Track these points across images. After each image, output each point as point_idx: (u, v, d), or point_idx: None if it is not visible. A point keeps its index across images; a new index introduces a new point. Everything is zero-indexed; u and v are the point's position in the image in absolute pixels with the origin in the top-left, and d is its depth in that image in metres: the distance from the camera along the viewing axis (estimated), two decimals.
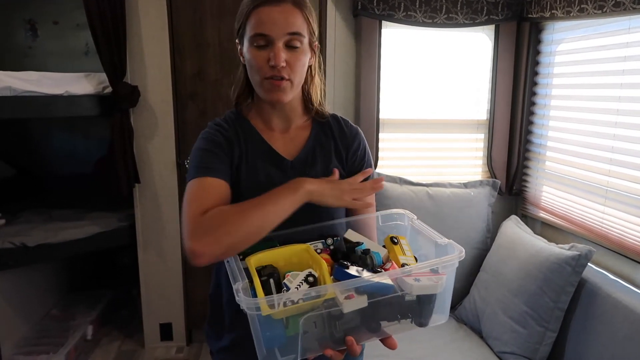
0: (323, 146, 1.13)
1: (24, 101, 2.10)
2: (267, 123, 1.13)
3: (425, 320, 0.92)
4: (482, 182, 2.48)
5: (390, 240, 1.02)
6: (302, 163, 1.10)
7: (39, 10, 3.32)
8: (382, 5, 2.25)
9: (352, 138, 1.16)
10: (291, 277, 0.87)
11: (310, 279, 0.86)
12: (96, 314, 2.95)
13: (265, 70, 1.00)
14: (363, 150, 1.17)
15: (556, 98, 2.28)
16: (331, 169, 1.11)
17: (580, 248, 1.82)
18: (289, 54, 1.00)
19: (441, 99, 2.52)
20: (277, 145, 1.11)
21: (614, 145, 1.92)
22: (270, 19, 0.97)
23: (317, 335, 0.85)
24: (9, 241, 2.24)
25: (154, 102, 2.49)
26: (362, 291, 0.84)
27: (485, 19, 2.34)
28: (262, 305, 0.80)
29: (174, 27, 2.48)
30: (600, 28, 1.99)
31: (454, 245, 0.97)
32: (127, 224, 2.62)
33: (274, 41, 0.98)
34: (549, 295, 1.83)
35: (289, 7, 0.99)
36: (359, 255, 0.95)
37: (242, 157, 1.08)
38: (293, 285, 0.85)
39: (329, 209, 1.08)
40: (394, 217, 1.14)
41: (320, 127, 1.15)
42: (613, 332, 1.65)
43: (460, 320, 2.25)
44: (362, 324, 0.87)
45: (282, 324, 0.83)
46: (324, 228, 1.05)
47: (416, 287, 0.87)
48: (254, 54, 1.00)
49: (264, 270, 0.89)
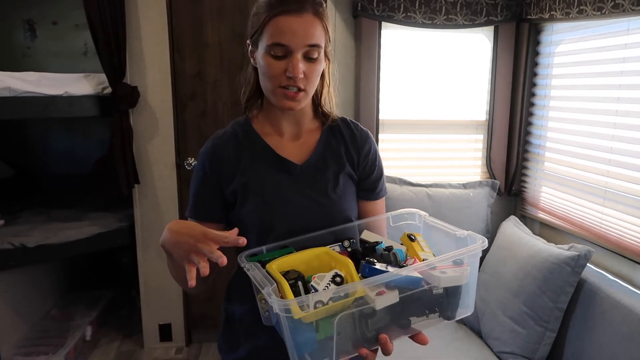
0: (334, 150, 1.12)
1: (23, 102, 2.10)
2: (277, 127, 1.11)
3: (453, 313, 0.91)
4: (481, 182, 2.49)
5: (407, 238, 1.01)
6: (313, 167, 1.09)
7: (38, 10, 3.32)
8: (382, 6, 2.26)
9: (363, 142, 1.14)
10: (317, 279, 0.85)
11: (338, 279, 0.85)
12: (95, 314, 2.95)
13: (282, 79, 0.98)
14: (374, 154, 1.15)
15: (555, 99, 2.29)
16: (345, 173, 1.10)
17: (580, 248, 1.83)
18: (306, 65, 0.98)
19: (440, 100, 2.53)
20: (286, 150, 1.10)
21: (612, 146, 1.92)
22: (291, 30, 0.95)
23: (350, 335, 0.83)
24: (9, 242, 2.24)
25: (154, 103, 2.49)
26: (393, 286, 0.83)
27: (484, 20, 2.35)
28: (293, 307, 0.77)
29: (174, 28, 2.49)
30: (599, 29, 2.00)
31: (475, 235, 0.97)
32: (127, 224, 2.62)
33: (292, 52, 0.96)
34: (548, 295, 1.84)
35: (309, 17, 0.97)
36: (380, 253, 0.94)
37: (248, 168, 1.07)
38: (321, 286, 0.83)
39: (342, 210, 1.08)
40: (404, 216, 1.14)
41: (330, 131, 1.14)
42: (612, 332, 1.66)
43: (459, 320, 2.26)
44: (392, 321, 0.86)
45: (313, 328, 0.81)
46: (338, 232, 1.04)
47: (444, 280, 0.87)
48: (271, 62, 0.98)
49: (288, 275, 0.86)
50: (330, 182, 1.08)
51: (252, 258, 0.94)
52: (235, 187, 1.06)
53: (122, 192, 2.40)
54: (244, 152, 1.08)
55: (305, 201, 1.06)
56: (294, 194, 1.06)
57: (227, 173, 1.07)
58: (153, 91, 2.48)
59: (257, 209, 1.04)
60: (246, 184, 1.05)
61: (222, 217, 1.09)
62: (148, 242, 2.62)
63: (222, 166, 1.07)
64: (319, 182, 1.08)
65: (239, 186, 1.06)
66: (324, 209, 1.06)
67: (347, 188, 1.11)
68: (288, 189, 1.06)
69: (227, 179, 1.07)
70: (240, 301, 1.12)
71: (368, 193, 1.15)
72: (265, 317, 0.94)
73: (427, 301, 0.89)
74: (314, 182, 1.07)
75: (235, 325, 1.13)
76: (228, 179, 1.07)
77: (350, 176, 1.12)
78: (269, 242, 1.01)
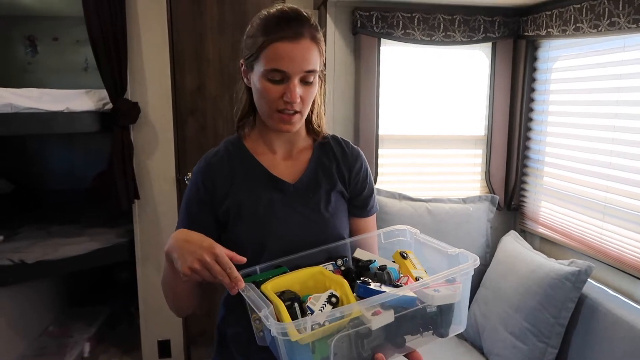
0: (325, 168, 1.13)
1: (25, 118, 2.11)
2: (270, 146, 1.13)
3: (446, 330, 0.93)
4: (481, 197, 2.50)
5: (400, 255, 1.02)
6: (305, 186, 1.10)
7: (39, 26, 3.35)
8: (381, 23, 2.29)
9: (354, 159, 1.16)
10: (313, 299, 0.85)
11: (333, 299, 0.85)
12: (94, 330, 2.93)
13: (279, 103, 1.00)
14: (365, 172, 1.17)
15: (553, 114, 2.31)
16: (336, 191, 1.11)
17: (580, 264, 1.83)
18: (302, 89, 1.00)
19: (439, 115, 2.54)
20: (279, 169, 1.11)
21: (611, 161, 1.94)
22: (289, 56, 0.96)
23: (346, 355, 0.83)
24: (8, 258, 2.24)
25: (154, 118, 2.50)
26: (388, 306, 0.84)
27: (482, 37, 2.38)
28: (290, 330, 0.77)
29: (175, 43, 2.50)
30: (595, 46, 2.02)
31: (466, 253, 0.98)
32: (126, 239, 2.61)
33: (290, 77, 0.97)
34: (549, 310, 1.84)
35: (307, 43, 0.98)
36: (374, 272, 0.95)
37: (242, 187, 1.08)
38: (317, 307, 0.83)
39: (335, 228, 1.09)
40: (395, 233, 1.15)
41: (321, 149, 1.15)
42: (614, 349, 1.65)
43: (461, 336, 2.25)
44: (387, 340, 0.87)
45: (309, 349, 0.81)
46: (330, 250, 1.05)
47: (437, 298, 0.88)
48: (268, 86, 0.99)
49: (284, 295, 0.87)
50: (323, 200, 1.09)
51: (247, 279, 0.93)
52: (228, 206, 1.06)
53: (121, 207, 2.40)
54: (238, 171, 1.09)
55: (298, 219, 1.07)
56: (287, 212, 1.07)
57: (221, 192, 1.07)
58: (153, 106, 2.49)
59: (250, 228, 1.05)
60: (239, 203, 1.06)
61: (214, 236, 1.07)
62: (147, 258, 2.61)
63: (216, 185, 1.08)
64: (312, 200, 1.09)
65: (233, 205, 1.06)
66: (317, 226, 1.07)
67: (339, 205, 1.12)
68: (281, 208, 1.07)
69: (220, 197, 1.07)
70: (234, 321, 1.11)
71: (360, 210, 1.17)
72: (260, 337, 0.94)
73: (421, 319, 0.90)
74: (306, 201, 1.09)
75: (229, 345, 1.13)
76: (222, 198, 1.07)
77: (342, 194, 1.13)
78: (262, 261, 1.01)
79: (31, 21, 3.31)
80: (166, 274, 1.00)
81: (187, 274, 0.88)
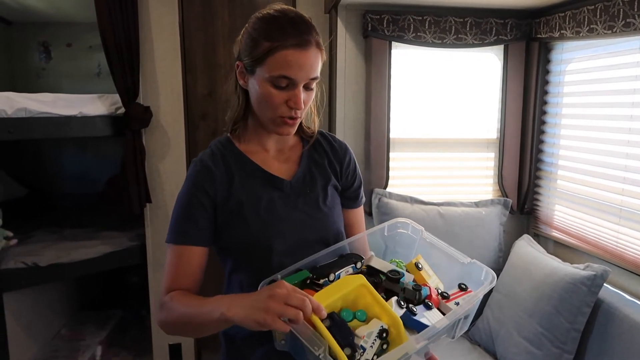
0: (318, 163, 1.15)
1: (39, 122, 2.13)
2: (262, 145, 1.13)
3: (457, 332, 0.98)
4: (494, 201, 2.48)
5: (415, 267, 1.03)
6: (301, 182, 1.11)
7: (53, 33, 3.39)
8: (392, 26, 2.28)
9: (344, 152, 1.19)
10: (366, 337, 0.82)
11: (384, 334, 0.83)
12: (105, 334, 2.94)
13: (283, 110, 1.00)
14: (354, 165, 1.21)
15: (567, 117, 2.28)
16: (331, 185, 1.14)
17: (596, 268, 1.80)
18: (304, 94, 1.01)
19: (451, 118, 2.53)
20: (273, 167, 1.11)
21: (627, 164, 1.91)
22: (298, 64, 0.96)
23: None
24: (21, 261, 2.25)
25: (166, 123, 2.52)
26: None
27: (494, 40, 2.36)
28: None
29: (186, 49, 2.52)
30: (610, 47, 2.00)
31: (480, 265, 1.02)
32: (138, 243, 2.62)
33: (296, 84, 0.98)
34: (565, 315, 1.81)
35: (314, 51, 0.98)
36: (403, 287, 0.95)
37: (241, 188, 1.07)
38: (368, 344, 0.81)
39: (334, 222, 1.12)
40: (397, 226, 1.17)
41: (311, 145, 1.17)
42: (631, 354, 1.62)
43: (474, 341, 2.22)
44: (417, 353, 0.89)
45: None
46: (338, 250, 1.05)
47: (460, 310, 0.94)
48: (272, 92, 0.99)
49: (332, 320, 0.82)
50: (321, 195, 1.11)
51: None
52: (230, 206, 1.05)
53: (133, 211, 2.42)
54: (234, 172, 1.08)
55: (300, 217, 1.08)
56: (289, 211, 1.07)
57: (222, 194, 1.06)
58: (165, 111, 2.51)
59: (255, 230, 1.04)
60: (240, 204, 1.05)
61: (211, 240, 1.07)
62: (159, 261, 2.61)
63: (216, 187, 1.06)
64: (310, 196, 1.10)
65: (234, 206, 1.05)
66: (319, 222, 1.09)
67: (335, 199, 1.15)
68: (282, 207, 1.07)
69: (223, 199, 1.06)
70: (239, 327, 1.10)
71: (351, 201, 1.21)
72: (279, 344, 0.90)
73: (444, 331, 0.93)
74: (305, 197, 1.10)
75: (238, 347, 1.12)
76: (222, 201, 1.06)
77: (336, 187, 1.16)
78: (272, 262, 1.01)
79: (45, 27, 3.35)
80: (201, 321, 0.92)
81: (276, 322, 0.78)
